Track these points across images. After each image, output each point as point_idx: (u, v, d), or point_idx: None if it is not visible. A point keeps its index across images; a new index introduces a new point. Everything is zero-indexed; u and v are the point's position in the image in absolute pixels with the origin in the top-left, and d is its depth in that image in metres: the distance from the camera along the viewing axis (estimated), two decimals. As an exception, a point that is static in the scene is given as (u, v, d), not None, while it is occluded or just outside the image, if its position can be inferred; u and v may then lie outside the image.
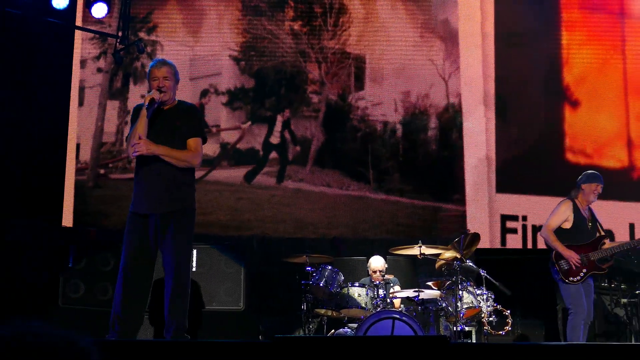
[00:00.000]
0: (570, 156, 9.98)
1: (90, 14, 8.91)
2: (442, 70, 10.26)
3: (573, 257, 7.40)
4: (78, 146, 9.88)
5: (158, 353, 4.70)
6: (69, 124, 9.89)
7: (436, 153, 10.20)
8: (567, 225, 7.60)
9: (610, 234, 8.19)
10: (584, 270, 7.39)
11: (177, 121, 6.02)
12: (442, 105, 10.15)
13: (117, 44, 9.21)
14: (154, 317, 7.56)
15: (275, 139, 10.12)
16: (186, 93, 9.81)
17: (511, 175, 10.03)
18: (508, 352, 4.70)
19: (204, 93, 10.13)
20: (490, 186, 9.95)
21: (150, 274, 6.07)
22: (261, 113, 10.22)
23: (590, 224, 7.61)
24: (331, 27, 10.34)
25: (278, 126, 10.16)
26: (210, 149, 9.73)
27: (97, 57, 10.08)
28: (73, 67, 9.96)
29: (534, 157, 10.10)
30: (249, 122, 9.99)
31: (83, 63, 10.01)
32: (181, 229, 5.95)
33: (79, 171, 9.82)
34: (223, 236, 9.71)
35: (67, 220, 9.65)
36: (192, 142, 6.02)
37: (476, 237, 8.18)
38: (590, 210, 7.71)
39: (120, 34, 9.16)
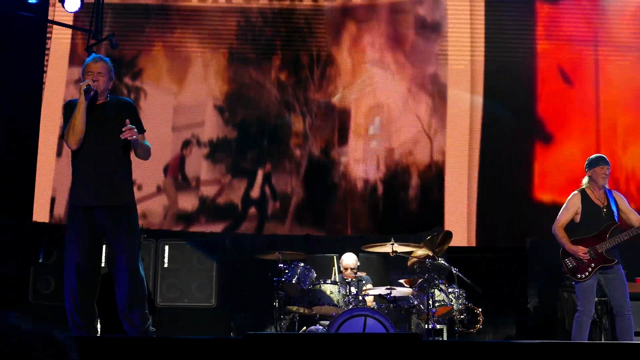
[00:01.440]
0: (540, 195, 9.95)
1: (63, 7, 8.82)
2: (428, 127, 10.09)
3: (578, 251, 7.20)
4: (53, 200, 9.78)
5: (129, 349, 4.66)
6: (46, 173, 9.78)
7: (416, 212, 10.05)
8: (577, 218, 7.38)
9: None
10: (592, 265, 7.16)
11: (116, 116, 5.98)
12: (425, 163, 10.01)
13: (90, 38, 9.15)
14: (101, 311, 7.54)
15: (255, 194, 10.00)
16: (168, 143, 9.75)
17: (490, 232, 9.97)
18: (479, 349, 4.71)
19: (186, 144, 10.00)
20: (470, 244, 9.86)
21: (99, 267, 6.12)
22: (243, 166, 10.11)
23: (605, 210, 7.31)
24: (317, 79, 10.18)
25: (259, 180, 10.02)
26: (190, 203, 9.66)
27: None
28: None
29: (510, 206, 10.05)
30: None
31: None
32: (132, 223, 6.02)
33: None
34: (196, 233, 9.70)
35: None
36: (143, 139, 6.09)
37: (448, 235, 8.20)
38: (607, 195, 7.39)
39: (92, 28, 9.09)
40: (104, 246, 6.31)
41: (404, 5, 10.28)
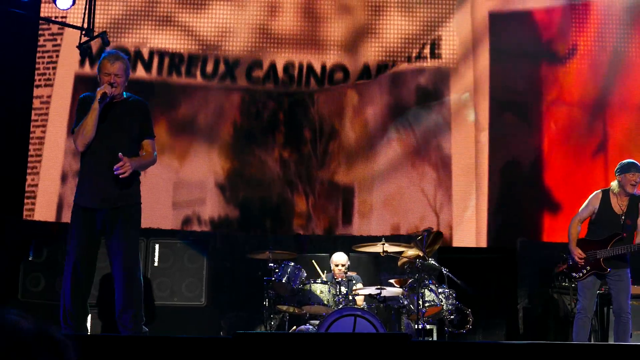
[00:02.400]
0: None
1: (55, 4, 8.81)
2: (434, 201, 9.90)
3: (574, 253, 7.25)
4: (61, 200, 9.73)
5: (120, 348, 4.66)
6: (51, 170, 9.74)
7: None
8: (593, 217, 7.38)
9: None
10: (587, 268, 7.21)
11: (127, 117, 6.01)
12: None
13: (82, 36, 9.14)
14: (102, 311, 7.52)
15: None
16: (168, 219, 9.66)
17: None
18: (469, 350, 4.72)
19: (186, 221, 9.86)
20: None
21: (94, 268, 6.11)
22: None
23: (624, 217, 7.25)
24: (320, 154, 9.98)
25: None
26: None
27: None
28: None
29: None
30: None
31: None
32: (132, 223, 6.02)
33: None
34: (186, 231, 9.69)
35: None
36: (149, 144, 6.10)
37: (439, 235, 8.21)
38: (631, 203, 7.30)
39: (85, 25, 9.08)
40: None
41: (405, 75, 10.11)
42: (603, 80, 9.99)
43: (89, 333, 6.96)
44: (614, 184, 7.40)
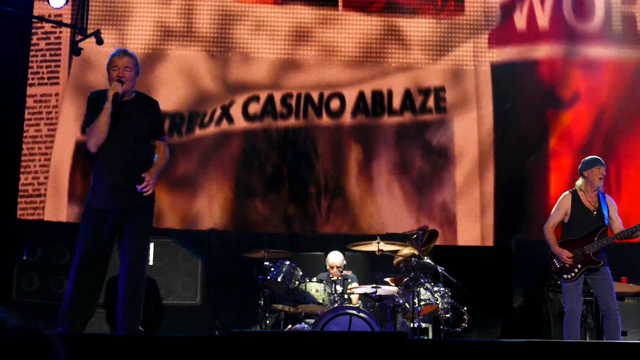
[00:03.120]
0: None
1: (48, 3, 8.80)
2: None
3: (562, 254, 7.24)
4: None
5: (114, 347, 4.66)
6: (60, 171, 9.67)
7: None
8: (567, 218, 7.42)
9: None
10: (578, 266, 7.21)
11: (136, 116, 5.99)
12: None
13: (76, 34, 9.13)
14: (111, 313, 7.47)
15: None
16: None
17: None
18: (464, 348, 4.73)
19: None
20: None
21: (105, 269, 6.05)
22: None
23: (596, 212, 7.33)
24: (325, 211, 9.82)
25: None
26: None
27: None
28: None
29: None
30: None
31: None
32: (141, 224, 5.98)
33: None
34: (181, 230, 9.67)
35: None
36: (162, 145, 6.11)
37: (434, 234, 8.22)
38: (600, 197, 7.41)
39: (78, 24, 9.08)
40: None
41: (409, 129, 10.03)
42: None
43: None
44: (579, 182, 7.48)
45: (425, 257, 8.04)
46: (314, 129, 10.02)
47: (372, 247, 8.03)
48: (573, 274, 7.24)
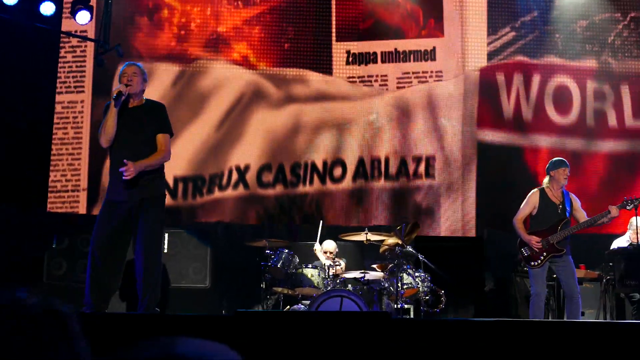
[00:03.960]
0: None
1: (75, 20, 8.80)
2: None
3: (532, 240, 7.28)
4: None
5: (131, 325, 4.67)
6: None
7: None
8: (534, 212, 7.47)
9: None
10: (544, 254, 7.25)
11: (144, 118, 6.01)
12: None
13: (99, 48, 9.15)
14: (125, 293, 7.48)
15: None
16: None
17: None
18: (442, 327, 4.75)
19: None
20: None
21: (124, 254, 6.06)
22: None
23: (560, 207, 7.39)
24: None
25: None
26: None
27: None
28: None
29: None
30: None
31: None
32: (154, 215, 5.97)
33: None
34: (192, 223, 9.68)
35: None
36: (162, 138, 6.05)
37: (416, 225, 8.23)
38: (564, 195, 7.48)
39: (101, 39, 9.10)
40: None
41: (400, 191, 10.03)
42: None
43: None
44: (546, 180, 7.54)
45: (408, 246, 8.06)
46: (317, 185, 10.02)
47: (361, 237, 8.06)
48: (539, 261, 7.29)
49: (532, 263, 7.33)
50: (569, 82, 10.35)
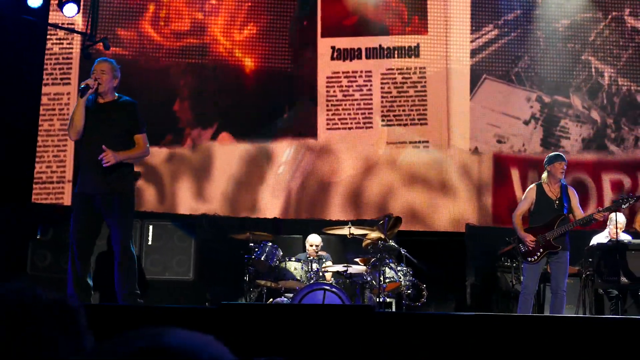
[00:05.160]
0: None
1: (62, 12, 8.75)
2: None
3: (527, 238, 7.27)
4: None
5: (116, 316, 4.66)
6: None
7: None
8: (532, 207, 7.45)
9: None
10: (540, 251, 7.23)
11: (115, 114, 5.98)
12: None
13: (86, 40, 9.11)
14: (97, 283, 7.47)
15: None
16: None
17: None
18: (423, 320, 4.76)
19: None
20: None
21: (93, 245, 6.10)
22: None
23: (557, 202, 7.35)
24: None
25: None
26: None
27: None
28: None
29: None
30: None
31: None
32: (125, 208, 5.99)
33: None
34: (177, 214, 9.66)
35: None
36: (140, 138, 6.05)
37: (398, 220, 8.25)
38: (562, 189, 7.42)
39: (88, 31, 9.05)
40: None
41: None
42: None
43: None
44: (544, 176, 7.51)
45: (390, 241, 8.07)
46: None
47: (344, 231, 8.06)
48: (536, 257, 7.28)
49: (529, 259, 7.32)
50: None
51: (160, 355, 0.82)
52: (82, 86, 5.87)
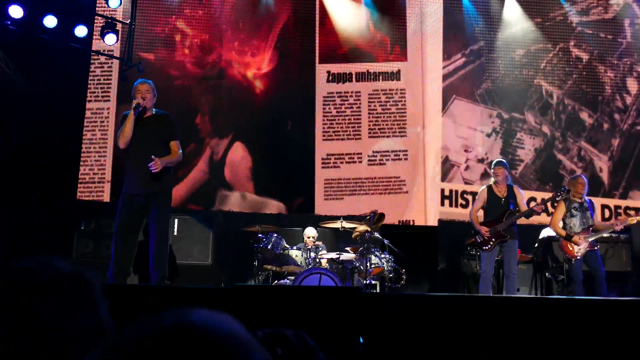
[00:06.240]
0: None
1: (103, 41, 8.76)
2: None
3: (482, 230, 7.30)
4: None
5: (146, 295, 4.65)
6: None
7: None
8: (485, 205, 7.45)
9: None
10: (493, 240, 7.25)
11: (156, 125, 5.98)
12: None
13: (123, 65, 9.13)
14: (137, 268, 7.45)
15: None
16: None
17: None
18: (402, 300, 4.77)
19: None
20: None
21: (137, 237, 6.07)
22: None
23: (504, 200, 7.34)
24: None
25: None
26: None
27: None
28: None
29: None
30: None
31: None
32: (163, 205, 5.97)
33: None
34: (198, 210, 9.66)
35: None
36: (175, 145, 6.04)
37: (382, 216, 8.25)
38: (509, 188, 7.42)
39: (125, 57, 9.08)
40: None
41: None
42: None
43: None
44: (492, 179, 7.53)
45: (376, 233, 8.07)
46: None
47: (337, 225, 8.06)
48: (489, 246, 7.31)
49: (484, 247, 7.36)
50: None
51: (184, 331, 0.82)
52: (134, 105, 5.84)
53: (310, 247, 8.17)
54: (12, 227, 8.27)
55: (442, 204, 10.25)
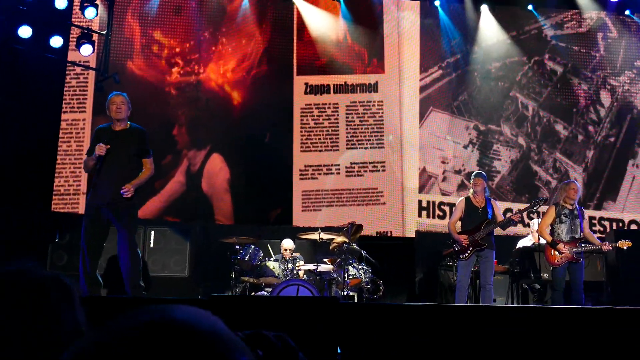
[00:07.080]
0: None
1: (79, 52, 8.70)
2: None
3: (461, 240, 7.32)
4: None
5: (124, 306, 4.60)
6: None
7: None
8: (462, 215, 7.48)
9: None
10: (470, 248, 7.28)
11: (128, 139, 5.99)
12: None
13: (99, 76, 9.08)
14: (106, 281, 7.38)
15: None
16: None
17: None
18: (380, 310, 4.77)
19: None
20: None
21: (101, 249, 6.09)
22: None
23: (481, 210, 7.39)
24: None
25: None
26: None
27: None
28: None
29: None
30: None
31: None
32: (131, 216, 5.95)
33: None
34: (175, 222, 9.59)
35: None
36: (148, 162, 6.06)
37: (360, 227, 8.26)
38: (487, 200, 7.49)
39: (101, 68, 9.03)
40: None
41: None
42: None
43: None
44: (471, 190, 7.58)
45: (353, 244, 8.08)
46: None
47: (315, 236, 8.06)
48: (466, 254, 7.33)
49: (462, 256, 7.38)
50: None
51: (165, 327, 0.82)
52: (98, 156, 5.82)
53: (287, 258, 8.16)
54: (-16, 239, 8.16)
55: (420, 215, 10.30)
